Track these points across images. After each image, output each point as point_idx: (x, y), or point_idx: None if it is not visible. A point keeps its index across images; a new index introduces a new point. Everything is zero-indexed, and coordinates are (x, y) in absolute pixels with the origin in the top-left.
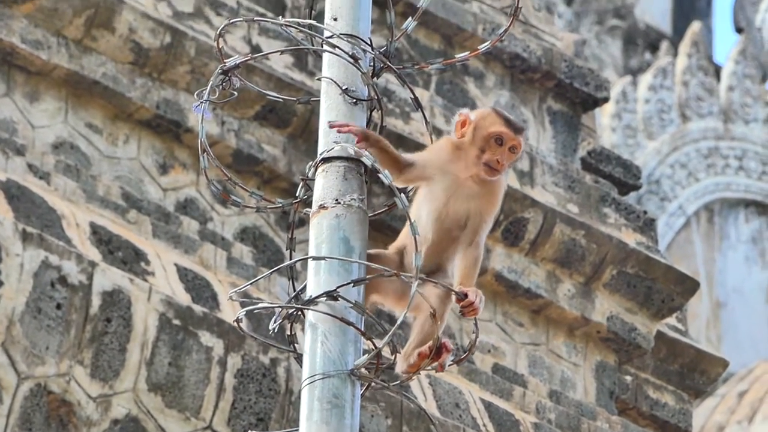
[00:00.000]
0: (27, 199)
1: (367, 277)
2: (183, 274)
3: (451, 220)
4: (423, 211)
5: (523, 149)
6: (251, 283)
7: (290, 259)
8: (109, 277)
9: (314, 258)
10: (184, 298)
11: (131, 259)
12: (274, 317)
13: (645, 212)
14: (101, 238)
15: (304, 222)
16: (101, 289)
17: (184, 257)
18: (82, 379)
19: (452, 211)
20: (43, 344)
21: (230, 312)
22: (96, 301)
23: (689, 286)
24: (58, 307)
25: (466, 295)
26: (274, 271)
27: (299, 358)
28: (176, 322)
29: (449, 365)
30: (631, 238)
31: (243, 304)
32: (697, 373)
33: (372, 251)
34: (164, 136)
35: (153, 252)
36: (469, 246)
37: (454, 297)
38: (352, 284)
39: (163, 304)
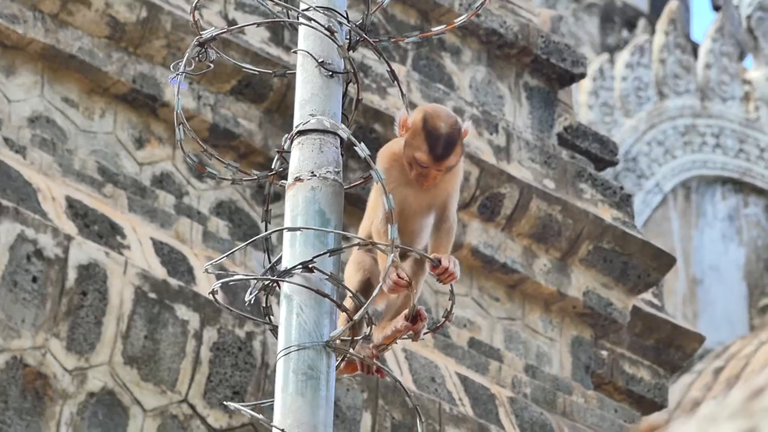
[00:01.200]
0: (3, 172)
1: (343, 247)
2: (159, 247)
3: (421, 210)
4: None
5: (455, 164)
6: (226, 256)
7: (266, 231)
8: (85, 250)
9: (289, 229)
10: (159, 271)
11: (107, 233)
12: (250, 289)
13: (621, 188)
14: (77, 211)
15: (280, 196)
16: (77, 262)
17: (160, 231)
18: (57, 352)
19: (419, 203)
20: (18, 317)
21: (206, 285)
22: (72, 275)
23: (665, 261)
24: (34, 280)
25: (440, 262)
26: (249, 243)
27: (274, 330)
28: (152, 295)
29: (425, 333)
30: (607, 214)
31: (219, 277)
32: (673, 348)
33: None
34: (140, 110)
35: (129, 226)
36: (440, 220)
37: (428, 265)
38: (328, 254)
39: (139, 277)
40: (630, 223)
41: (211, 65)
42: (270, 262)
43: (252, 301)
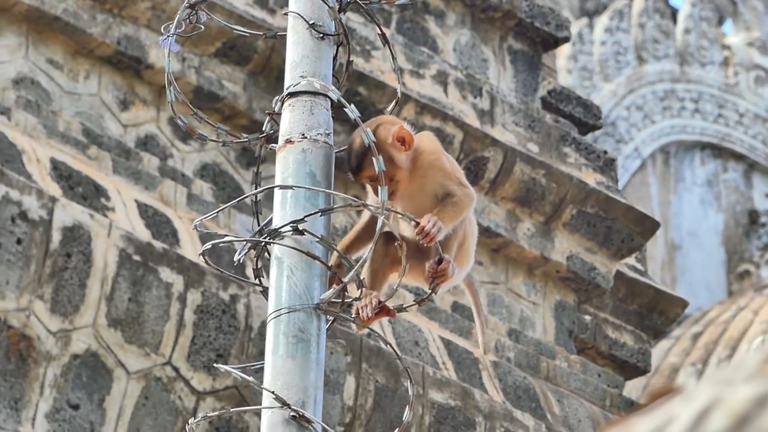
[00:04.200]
0: None
1: (334, 207)
2: (143, 210)
3: (425, 205)
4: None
5: (375, 174)
6: (215, 213)
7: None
8: (69, 212)
9: (281, 187)
10: (144, 234)
11: (91, 195)
12: (239, 250)
13: (605, 152)
14: (62, 173)
15: (266, 159)
16: (62, 224)
17: (145, 193)
18: (42, 314)
19: (416, 201)
20: (3, 279)
21: (190, 248)
22: (56, 237)
23: (649, 226)
24: (19, 242)
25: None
26: (241, 199)
27: (265, 292)
28: (136, 258)
29: (408, 307)
30: (591, 178)
31: (204, 237)
32: (656, 313)
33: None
34: (125, 72)
35: (113, 188)
36: (446, 196)
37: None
38: (319, 214)
39: (123, 240)
40: (614, 188)
41: (202, 27)
42: (259, 224)
43: (240, 262)
